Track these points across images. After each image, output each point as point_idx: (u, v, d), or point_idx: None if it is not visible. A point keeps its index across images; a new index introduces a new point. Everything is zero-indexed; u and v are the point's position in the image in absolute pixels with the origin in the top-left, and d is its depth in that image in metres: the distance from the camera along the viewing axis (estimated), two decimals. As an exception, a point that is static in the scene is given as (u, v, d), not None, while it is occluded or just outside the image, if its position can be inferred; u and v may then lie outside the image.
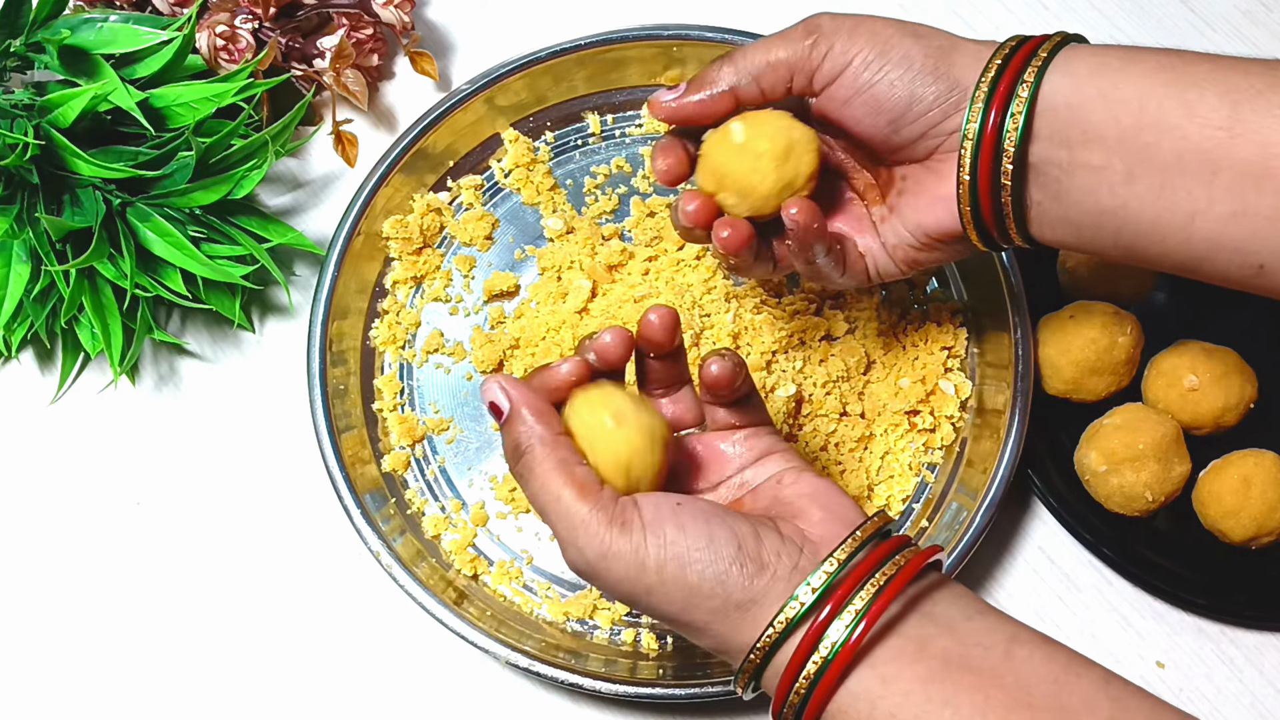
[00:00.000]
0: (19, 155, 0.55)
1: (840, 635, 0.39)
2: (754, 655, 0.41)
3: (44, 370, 0.64)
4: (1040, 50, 0.46)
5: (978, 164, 0.46)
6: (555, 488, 0.42)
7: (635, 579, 0.42)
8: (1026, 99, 0.45)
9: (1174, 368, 0.59)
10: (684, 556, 0.41)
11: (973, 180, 0.47)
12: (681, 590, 0.41)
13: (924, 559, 0.42)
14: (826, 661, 0.39)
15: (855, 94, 0.48)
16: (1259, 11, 0.70)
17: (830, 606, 0.40)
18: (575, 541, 0.42)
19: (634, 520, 0.42)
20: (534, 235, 0.65)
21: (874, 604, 0.40)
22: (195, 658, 0.60)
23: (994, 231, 0.48)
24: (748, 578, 0.41)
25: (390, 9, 0.65)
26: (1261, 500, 0.57)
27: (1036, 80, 0.45)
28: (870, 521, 0.43)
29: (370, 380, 0.62)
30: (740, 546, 0.42)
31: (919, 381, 0.60)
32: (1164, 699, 0.39)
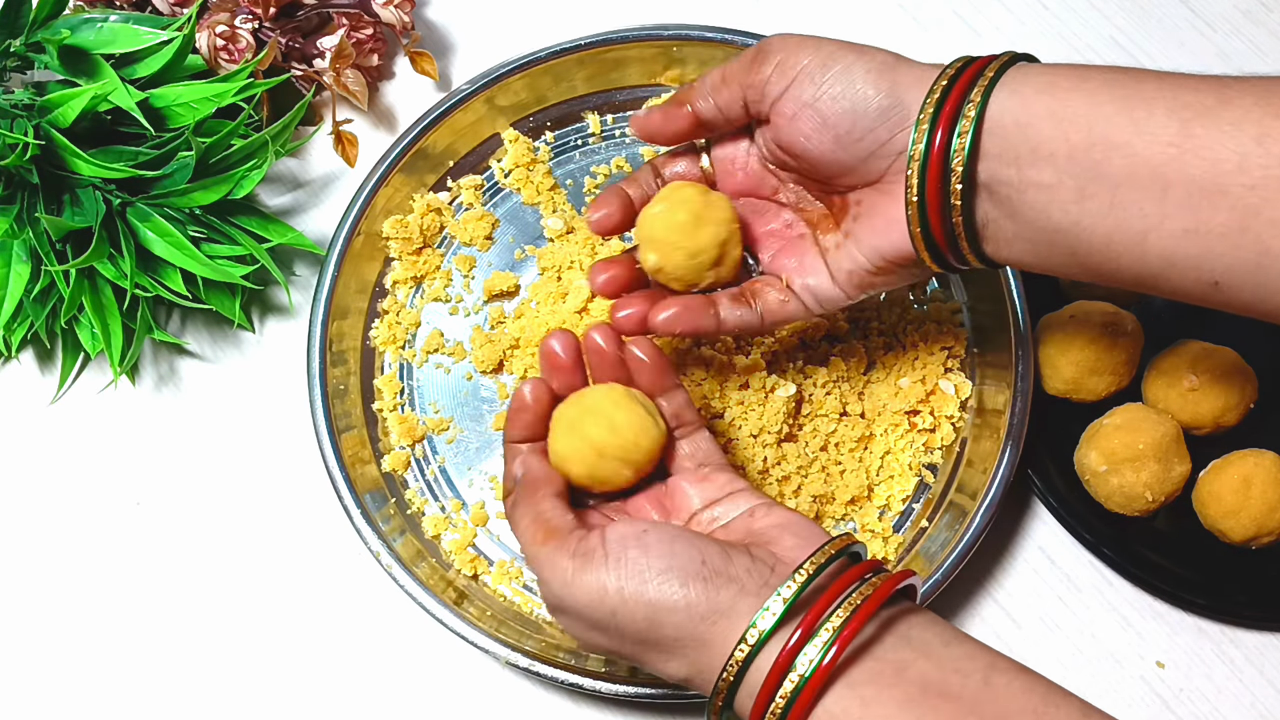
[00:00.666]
0: (19, 155, 0.55)
1: (817, 654, 0.39)
2: (726, 673, 0.41)
3: (44, 370, 0.64)
4: (987, 70, 0.46)
5: (925, 184, 0.46)
6: (530, 535, 0.46)
7: (598, 603, 0.43)
8: (974, 118, 0.45)
9: (1174, 368, 0.59)
10: (644, 574, 0.42)
11: (921, 201, 0.47)
12: (643, 607, 0.42)
13: (898, 581, 0.42)
14: (803, 680, 0.39)
15: (801, 108, 0.48)
16: (1259, 11, 0.70)
17: (803, 626, 0.40)
18: (544, 576, 0.45)
19: (596, 550, 0.44)
20: (534, 235, 0.65)
21: (850, 622, 0.40)
22: (195, 657, 0.60)
23: (947, 253, 0.48)
24: (714, 590, 0.42)
25: (390, 9, 0.65)
26: (1261, 500, 0.57)
27: (983, 100, 0.45)
28: (836, 540, 0.43)
29: (370, 380, 0.62)
30: (705, 562, 0.43)
31: (919, 381, 0.60)
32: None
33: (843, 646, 0.39)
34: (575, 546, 0.44)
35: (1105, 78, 0.44)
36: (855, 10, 0.71)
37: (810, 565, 0.42)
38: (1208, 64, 0.69)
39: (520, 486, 0.48)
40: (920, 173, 0.46)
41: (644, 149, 0.66)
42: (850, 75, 0.47)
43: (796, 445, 0.59)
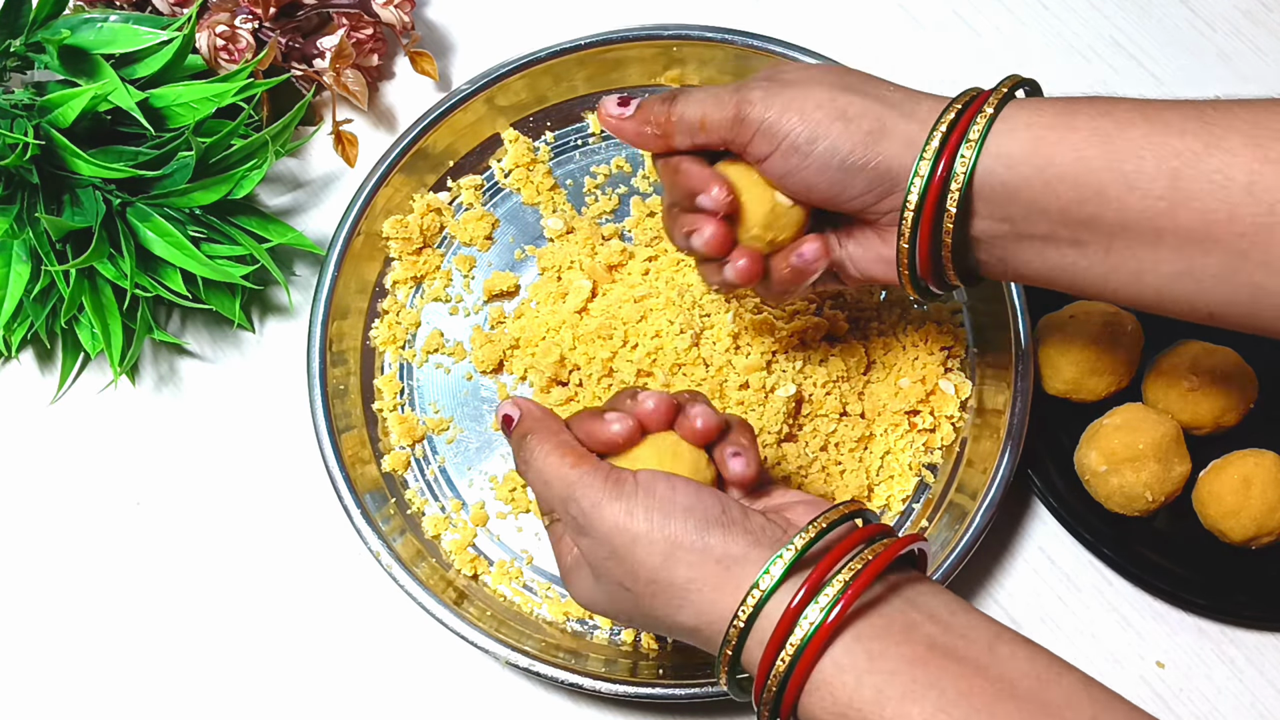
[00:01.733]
0: (19, 155, 0.55)
1: (827, 601, 0.40)
2: (737, 619, 0.41)
3: (44, 370, 0.64)
4: (970, 132, 0.45)
5: (916, 247, 0.47)
6: (555, 458, 0.46)
7: (623, 529, 0.43)
8: (960, 191, 0.45)
9: (1174, 368, 0.59)
10: (669, 507, 0.43)
11: (912, 260, 0.48)
12: (663, 541, 0.43)
13: (906, 543, 0.42)
14: (811, 631, 0.40)
15: (786, 174, 0.48)
16: (1259, 11, 0.70)
17: (811, 580, 0.40)
18: (573, 495, 0.45)
19: (628, 480, 0.44)
20: (534, 235, 0.65)
21: (858, 578, 0.40)
22: (195, 657, 0.60)
23: (934, 287, 0.50)
24: (731, 537, 0.43)
25: (390, 9, 0.65)
26: (1261, 500, 0.57)
27: (970, 170, 0.45)
28: (850, 502, 0.44)
29: (370, 380, 0.62)
30: (725, 510, 0.44)
31: (919, 381, 0.60)
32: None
33: (849, 601, 0.40)
34: (607, 473, 0.45)
35: (1092, 126, 0.44)
36: (855, 10, 0.71)
37: (822, 520, 0.42)
38: (1208, 64, 0.69)
39: (533, 420, 0.48)
40: (911, 237, 0.47)
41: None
42: (836, 149, 0.47)
43: (796, 445, 0.59)
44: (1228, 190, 0.41)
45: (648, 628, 0.47)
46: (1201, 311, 0.45)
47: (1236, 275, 0.42)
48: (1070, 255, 0.46)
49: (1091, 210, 0.44)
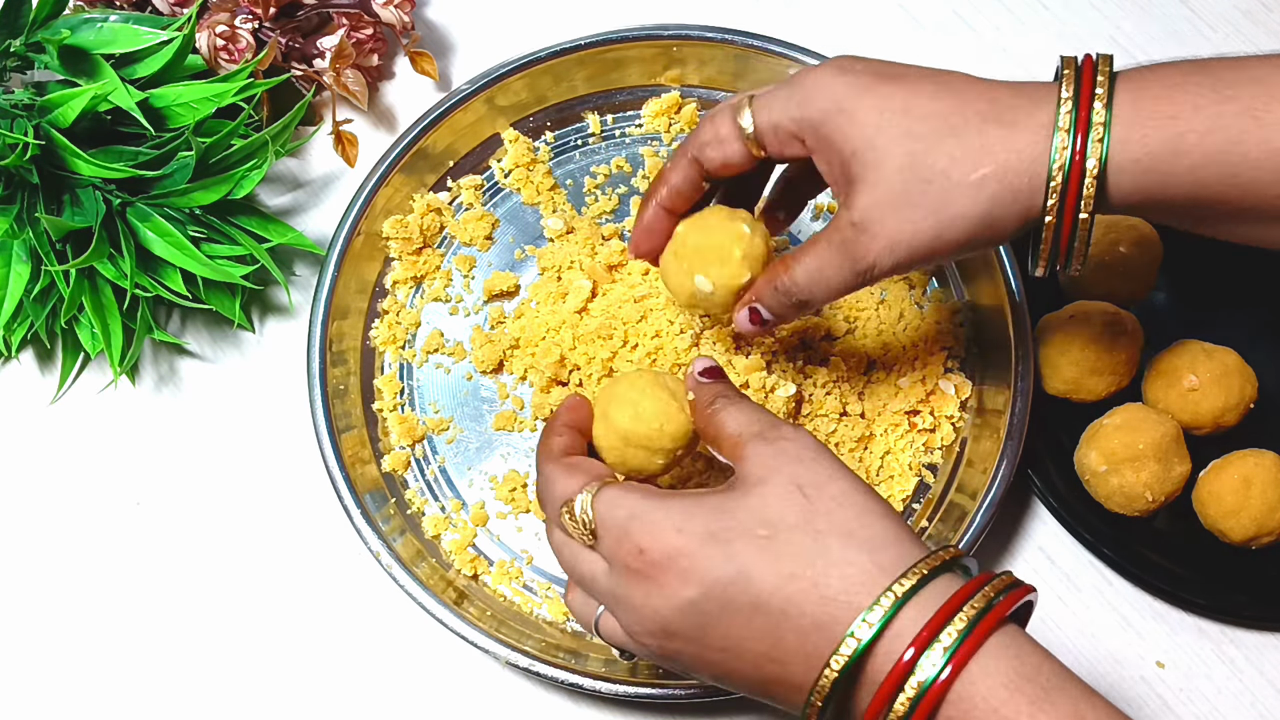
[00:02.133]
0: (19, 155, 0.55)
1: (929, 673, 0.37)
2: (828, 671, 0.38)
3: (44, 370, 0.64)
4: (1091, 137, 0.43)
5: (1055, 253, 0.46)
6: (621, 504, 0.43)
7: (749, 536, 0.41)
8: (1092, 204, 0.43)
9: (1174, 368, 0.59)
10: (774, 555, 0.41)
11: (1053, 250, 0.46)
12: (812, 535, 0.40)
13: (1027, 590, 0.40)
14: (944, 663, 0.37)
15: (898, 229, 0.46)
16: (1259, 11, 0.70)
17: (943, 610, 0.38)
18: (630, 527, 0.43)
19: None
20: (534, 235, 0.65)
21: (987, 614, 0.38)
22: (195, 657, 0.60)
23: None
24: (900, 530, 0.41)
25: (390, 9, 0.65)
26: (1261, 500, 0.57)
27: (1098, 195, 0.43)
28: (946, 549, 0.41)
29: (370, 380, 0.62)
30: None
31: (919, 381, 0.60)
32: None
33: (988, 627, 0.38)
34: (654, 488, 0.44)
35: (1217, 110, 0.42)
36: (855, 10, 0.71)
37: (945, 555, 0.40)
38: (1208, 64, 0.69)
39: None
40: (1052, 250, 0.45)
41: (643, 149, 0.66)
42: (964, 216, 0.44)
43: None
44: None
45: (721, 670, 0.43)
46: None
47: None
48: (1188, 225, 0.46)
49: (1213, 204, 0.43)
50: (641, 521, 0.42)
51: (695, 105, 0.66)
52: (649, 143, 0.66)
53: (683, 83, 0.67)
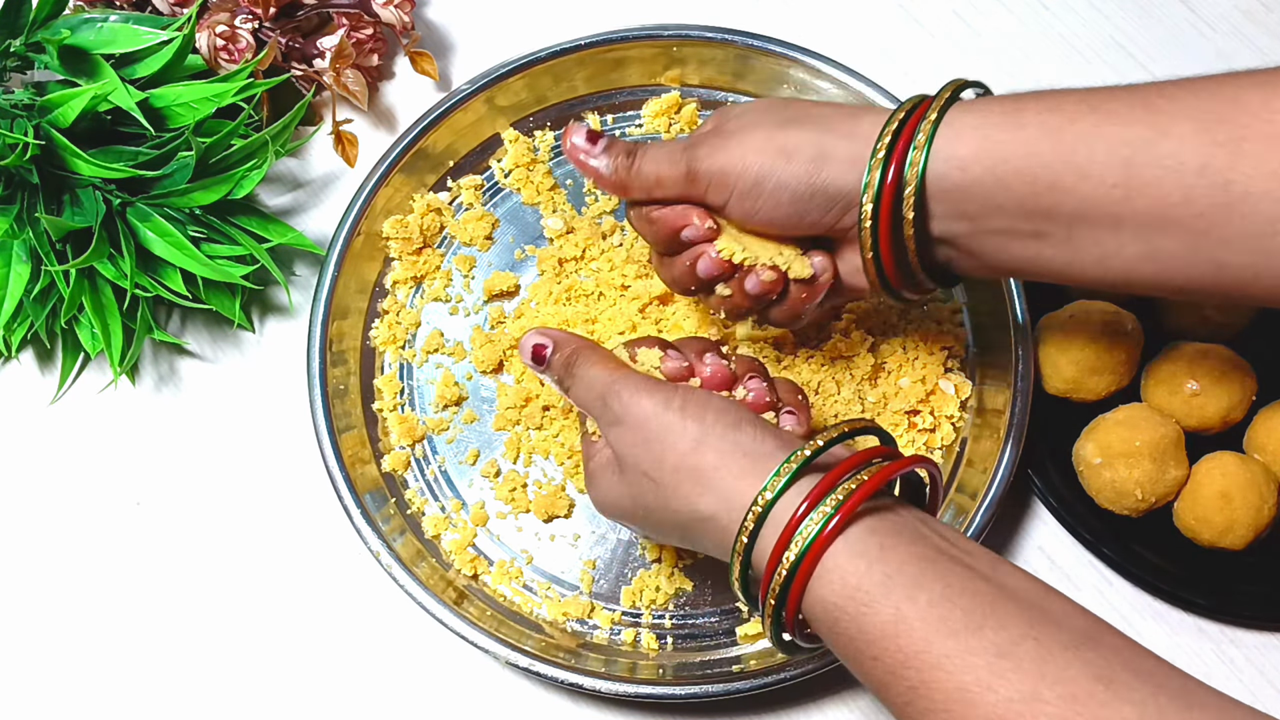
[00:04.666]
0: (19, 155, 0.55)
1: (844, 494, 0.41)
2: (757, 505, 0.42)
3: (44, 370, 0.64)
4: (916, 140, 0.46)
5: (880, 257, 0.48)
6: (600, 368, 0.48)
7: (658, 414, 0.46)
8: (914, 195, 0.46)
9: (1172, 375, 0.59)
10: (706, 402, 0.46)
11: (879, 267, 0.49)
12: (697, 428, 0.45)
13: (918, 461, 0.44)
14: (827, 517, 0.41)
15: (746, 217, 0.50)
16: (1259, 11, 0.70)
17: (833, 473, 0.42)
18: (613, 389, 0.47)
19: (667, 382, 0.48)
20: (534, 235, 0.65)
21: (877, 473, 0.42)
22: (195, 657, 0.60)
23: (909, 293, 0.51)
24: (761, 435, 0.45)
25: (390, 9, 0.65)
26: (1245, 506, 0.57)
27: (920, 176, 0.46)
28: (869, 420, 0.46)
29: (370, 380, 0.62)
30: (758, 416, 0.46)
31: (919, 381, 0.60)
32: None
33: (866, 492, 0.42)
34: (648, 375, 0.48)
35: (1040, 121, 0.45)
36: (855, 10, 0.71)
37: (846, 425, 0.44)
38: (1208, 64, 0.69)
39: (574, 342, 0.50)
40: (873, 246, 0.48)
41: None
42: (783, 185, 0.48)
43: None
44: (1180, 174, 0.42)
45: (664, 526, 0.47)
46: (1169, 288, 0.45)
47: (1198, 253, 0.43)
48: (1034, 246, 0.46)
49: (1047, 202, 0.45)
50: None
51: (695, 105, 0.66)
52: (649, 143, 0.66)
53: (683, 83, 0.67)
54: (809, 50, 0.63)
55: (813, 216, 0.49)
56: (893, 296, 0.51)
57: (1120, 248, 0.45)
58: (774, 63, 0.64)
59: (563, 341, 0.50)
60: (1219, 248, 0.43)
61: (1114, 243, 0.45)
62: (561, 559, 0.60)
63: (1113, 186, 0.43)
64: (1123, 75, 0.69)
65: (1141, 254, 0.44)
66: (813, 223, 0.49)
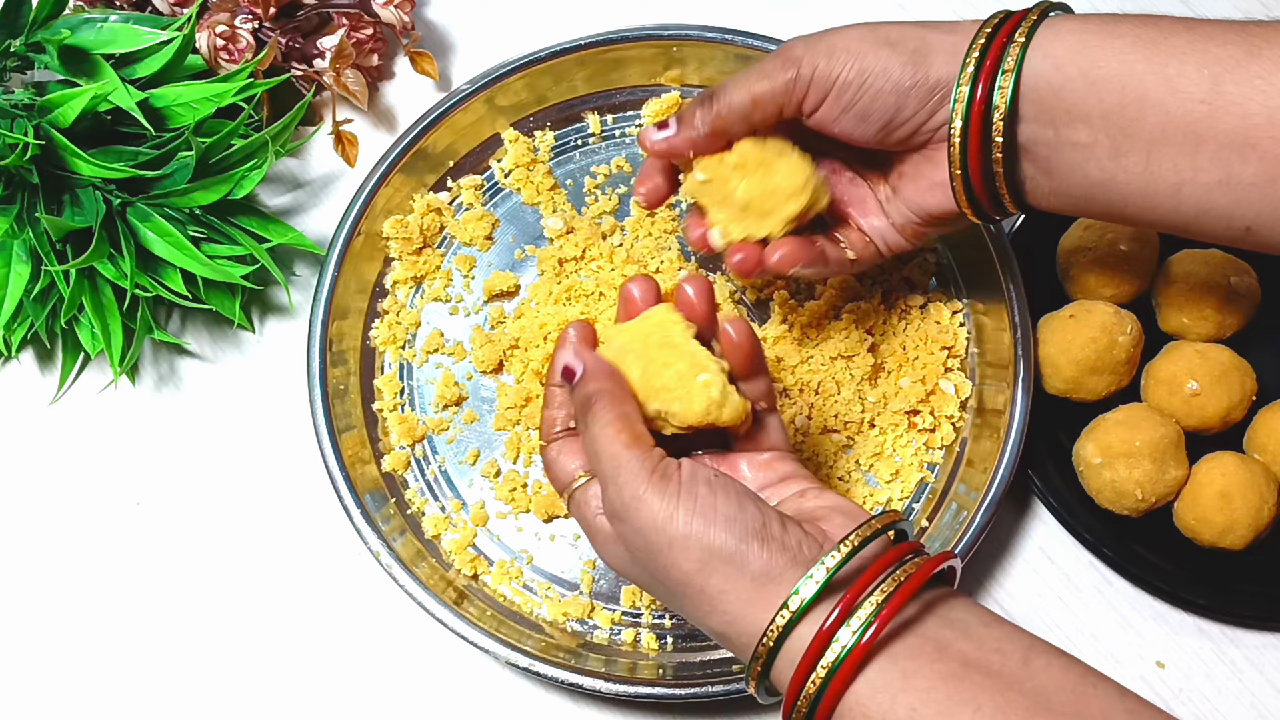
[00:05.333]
0: (19, 155, 0.55)
1: (859, 625, 0.39)
2: (767, 638, 0.41)
3: (44, 370, 0.64)
4: (1017, 34, 0.46)
5: (967, 153, 0.48)
6: (612, 432, 0.44)
7: (660, 528, 0.43)
8: (1009, 88, 0.46)
9: (1172, 375, 0.59)
10: (710, 515, 0.42)
11: (964, 170, 0.49)
12: (701, 549, 0.42)
13: (940, 561, 0.42)
14: (845, 651, 0.39)
15: (842, 112, 0.49)
16: (1259, 12, 0.70)
17: (845, 600, 0.40)
18: (617, 479, 0.44)
19: (673, 475, 0.43)
20: (534, 235, 0.65)
21: (892, 598, 0.40)
22: (195, 657, 0.60)
23: (989, 209, 0.50)
24: (768, 554, 0.42)
25: (390, 9, 0.65)
26: (1245, 506, 0.57)
27: (1017, 68, 0.46)
28: (880, 516, 0.43)
29: (370, 380, 0.62)
30: (765, 524, 0.43)
31: (919, 381, 0.60)
32: (1174, 711, 0.39)
33: (884, 622, 0.39)
34: (656, 464, 0.44)
35: (1135, 34, 0.45)
36: (855, 10, 0.71)
37: (856, 538, 0.42)
38: (1208, 64, 0.69)
39: (599, 382, 0.46)
40: (962, 141, 0.48)
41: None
42: (888, 74, 0.48)
43: (795, 444, 0.59)
44: (1267, 94, 0.42)
45: (675, 612, 0.46)
46: (1238, 226, 0.45)
47: (1274, 185, 0.43)
48: (1110, 167, 0.46)
49: (1133, 114, 0.44)
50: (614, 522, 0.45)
51: (695, 105, 0.66)
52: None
53: (683, 83, 0.67)
54: (809, 50, 0.63)
55: (908, 110, 0.48)
56: (969, 203, 0.50)
57: (1196, 173, 0.44)
58: (774, 63, 0.64)
59: (590, 375, 0.46)
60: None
61: (1190, 167, 0.44)
62: (561, 559, 0.60)
63: (1199, 102, 0.43)
64: (1123, 75, 0.69)
65: (1218, 180, 0.44)
66: (906, 118, 0.49)
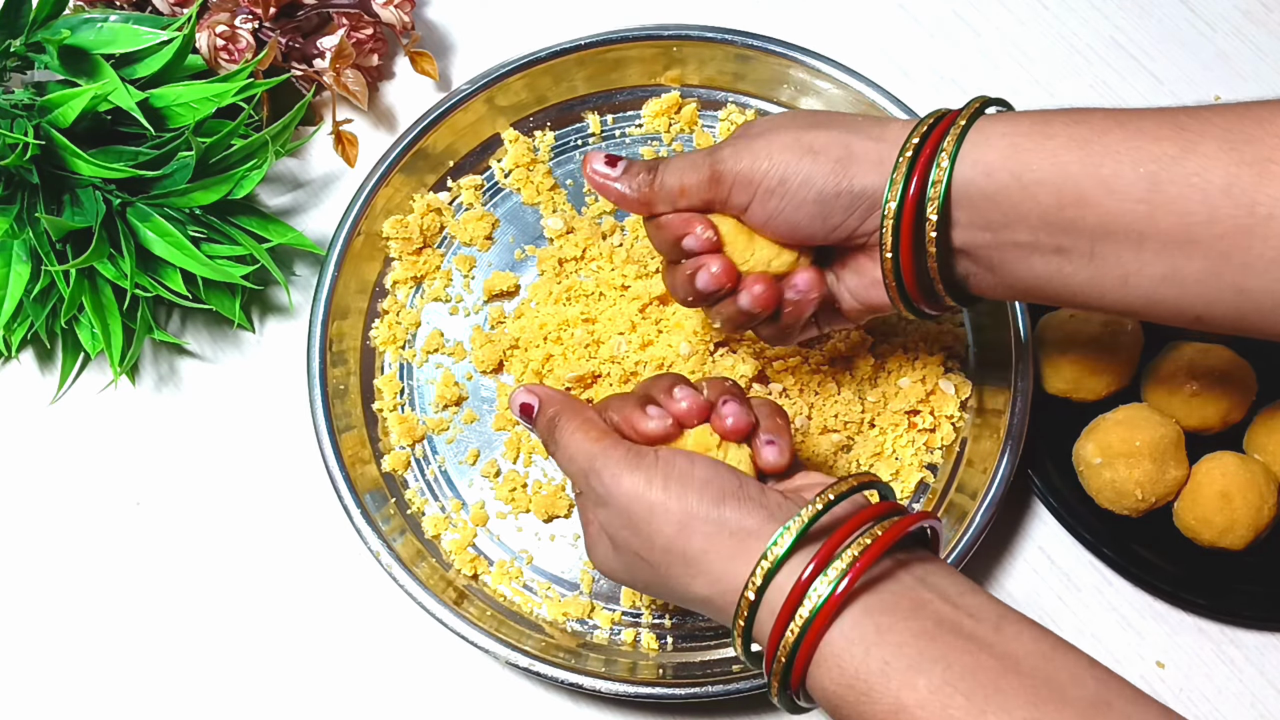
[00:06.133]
0: (19, 155, 0.55)
1: (834, 576, 0.40)
2: (748, 588, 0.42)
3: (44, 370, 0.64)
4: (945, 143, 0.46)
5: (899, 261, 0.48)
6: (580, 436, 0.47)
7: (640, 495, 0.44)
8: (939, 200, 0.46)
9: (1172, 375, 0.59)
10: (687, 479, 0.44)
11: (898, 276, 0.48)
12: (682, 510, 0.44)
13: (916, 519, 0.43)
14: (820, 602, 0.40)
15: (769, 217, 0.49)
16: (1259, 11, 0.70)
17: (820, 554, 0.41)
18: (594, 467, 0.46)
19: (647, 453, 0.46)
20: (534, 235, 0.65)
21: (867, 552, 0.41)
22: (195, 657, 0.60)
23: (927, 307, 0.50)
24: (746, 511, 0.43)
25: (390, 9, 0.65)
26: (1245, 506, 0.57)
27: (946, 180, 0.46)
28: (859, 475, 0.44)
29: (370, 380, 0.62)
30: (742, 485, 0.44)
31: (919, 381, 0.60)
32: (1159, 696, 0.39)
33: (857, 575, 0.40)
34: (628, 448, 0.46)
35: (1068, 133, 0.45)
36: (855, 10, 0.71)
37: (831, 493, 0.43)
38: (1208, 64, 0.69)
39: (557, 404, 0.49)
40: (894, 254, 0.48)
41: (643, 149, 0.66)
42: (809, 182, 0.48)
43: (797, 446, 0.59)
44: (1205, 193, 0.42)
45: (665, 597, 0.47)
46: (1189, 315, 0.45)
47: (1220, 278, 0.43)
48: (1055, 262, 0.46)
49: (1071, 215, 0.44)
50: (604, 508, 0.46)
51: (695, 105, 0.66)
52: (649, 143, 0.66)
53: (683, 83, 0.67)
54: (809, 50, 0.63)
55: (835, 218, 0.48)
56: (906, 307, 0.50)
57: (1142, 267, 0.44)
58: (774, 63, 0.64)
59: (547, 401, 0.49)
60: (1241, 272, 0.42)
61: (1136, 262, 0.44)
62: (561, 559, 0.60)
63: (1137, 202, 0.43)
64: (1123, 75, 0.69)
65: (1164, 275, 0.44)
66: (835, 225, 0.49)
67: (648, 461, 0.45)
